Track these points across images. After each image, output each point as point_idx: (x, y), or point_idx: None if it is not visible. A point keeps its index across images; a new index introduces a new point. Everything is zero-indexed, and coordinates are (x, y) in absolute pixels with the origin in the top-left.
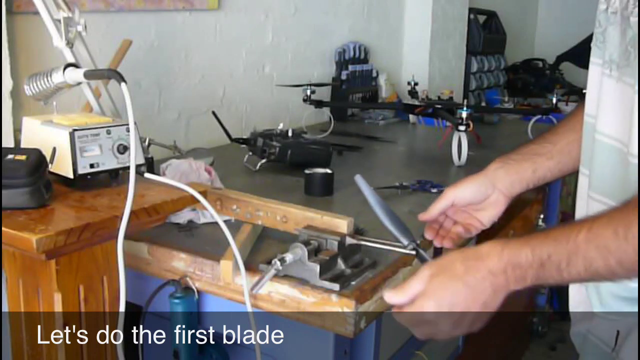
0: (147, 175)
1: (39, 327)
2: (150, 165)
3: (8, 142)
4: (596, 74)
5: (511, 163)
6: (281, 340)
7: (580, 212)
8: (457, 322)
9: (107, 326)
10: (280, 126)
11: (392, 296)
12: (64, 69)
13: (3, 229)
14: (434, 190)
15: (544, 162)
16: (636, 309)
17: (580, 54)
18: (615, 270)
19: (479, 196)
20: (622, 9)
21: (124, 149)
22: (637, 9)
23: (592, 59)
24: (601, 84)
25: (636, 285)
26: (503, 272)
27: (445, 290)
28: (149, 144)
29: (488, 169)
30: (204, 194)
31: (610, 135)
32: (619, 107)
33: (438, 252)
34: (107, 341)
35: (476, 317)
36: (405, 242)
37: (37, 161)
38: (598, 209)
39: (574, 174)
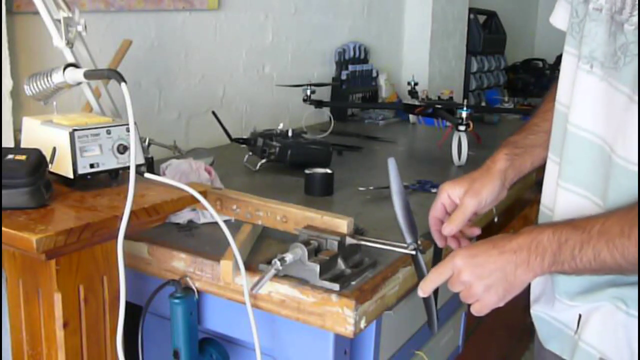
0: (147, 175)
1: (39, 327)
2: (150, 165)
3: (8, 142)
4: (570, 64)
5: (516, 159)
6: (281, 340)
7: (548, 199)
8: (481, 278)
9: (107, 326)
10: (280, 126)
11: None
12: (64, 69)
13: (3, 229)
14: (434, 190)
15: (540, 153)
16: (596, 294)
17: None
18: (620, 263)
19: (496, 200)
20: (613, 12)
21: (124, 149)
22: (635, 18)
23: (566, 47)
24: (576, 77)
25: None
26: (527, 247)
27: (479, 248)
28: (149, 144)
29: (496, 167)
30: (204, 194)
31: (588, 129)
32: (601, 106)
33: (438, 254)
34: (107, 341)
35: (505, 289)
36: (408, 241)
37: (37, 161)
38: (569, 198)
39: None
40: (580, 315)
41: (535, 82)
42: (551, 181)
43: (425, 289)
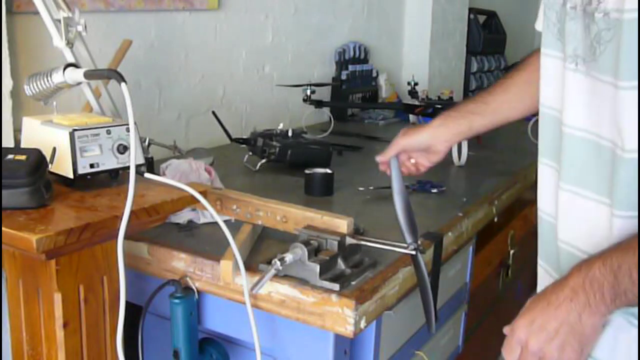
0: (147, 175)
1: (39, 327)
2: (150, 165)
3: (8, 142)
4: (556, 67)
5: (450, 120)
6: (281, 340)
7: (547, 205)
8: (550, 340)
9: (107, 326)
10: (280, 126)
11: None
12: (64, 69)
13: (3, 229)
14: (434, 190)
15: (479, 120)
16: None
17: None
18: None
19: (424, 146)
20: (584, 4)
21: (124, 149)
22: (603, 4)
23: (547, 50)
24: (564, 78)
25: None
26: (582, 288)
27: (534, 310)
28: (149, 144)
29: (432, 124)
30: (204, 194)
31: (586, 129)
32: (592, 102)
33: (438, 255)
34: (107, 341)
35: (580, 342)
36: (408, 241)
37: (37, 161)
38: (575, 201)
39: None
40: None
41: None
42: (548, 186)
43: None
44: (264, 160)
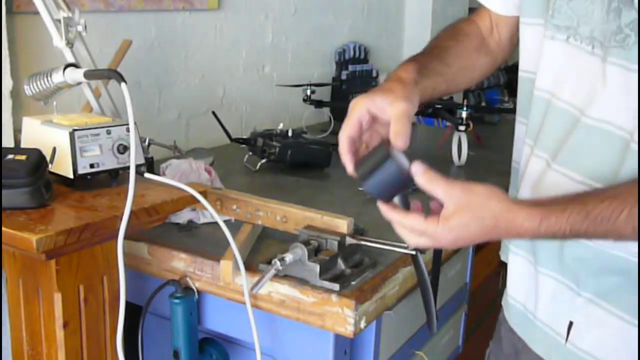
0: (147, 175)
1: (39, 327)
2: (150, 165)
3: (8, 142)
4: (553, 44)
5: (421, 81)
6: (281, 340)
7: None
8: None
9: (107, 326)
10: (280, 126)
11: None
12: (64, 69)
13: (3, 229)
14: None
15: (441, 83)
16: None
17: None
18: (627, 234)
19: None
20: None
21: (124, 149)
22: None
23: (527, 20)
24: (572, 57)
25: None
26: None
27: (466, 232)
28: (149, 144)
29: (410, 77)
30: (204, 194)
31: (614, 123)
32: (619, 92)
33: (438, 255)
34: (107, 341)
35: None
36: None
37: (37, 161)
38: (539, 165)
39: None
40: (571, 323)
41: None
42: (519, 140)
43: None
44: (264, 160)
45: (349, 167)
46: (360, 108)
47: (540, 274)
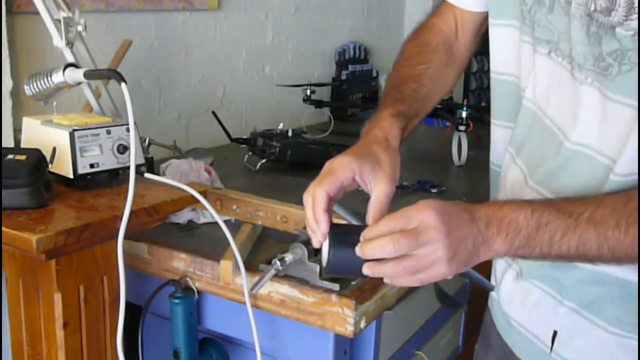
0: (147, 175)
1: (39, 327)
2: (150, 165)
3: (8, 142)
4: (512, 37)
5: (406, 131)
6: (281, 340)
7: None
8: (453, 257)
9: (107, 326)
10: (280, 126)
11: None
12: (64, 69)
13: (3, 229)
14: (434, 190)
15: (414, 122)
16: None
17: None
18: (603, 256)
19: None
20: (590, 9)
21: (124, 149)
22: (634, 22)
23: (499, 21)
24: (549, 72)
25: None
26: (498, 223)
27: (452, 220)
28: (149, 144)
29: (396, 143)
30: (204, 194)
31: (592, 146)
32: (597, 117)
33: None
34: (107, 341)
35: (467, 262)
36: None
37: (37, 161)
38: (520, 175)
39: None
40: (555, 332)
41: None
42: (501, 143)
43: (366, 252)
44: (264, 160)
45: (323, 227)
46: (346, 173)
47: (524, 282)
